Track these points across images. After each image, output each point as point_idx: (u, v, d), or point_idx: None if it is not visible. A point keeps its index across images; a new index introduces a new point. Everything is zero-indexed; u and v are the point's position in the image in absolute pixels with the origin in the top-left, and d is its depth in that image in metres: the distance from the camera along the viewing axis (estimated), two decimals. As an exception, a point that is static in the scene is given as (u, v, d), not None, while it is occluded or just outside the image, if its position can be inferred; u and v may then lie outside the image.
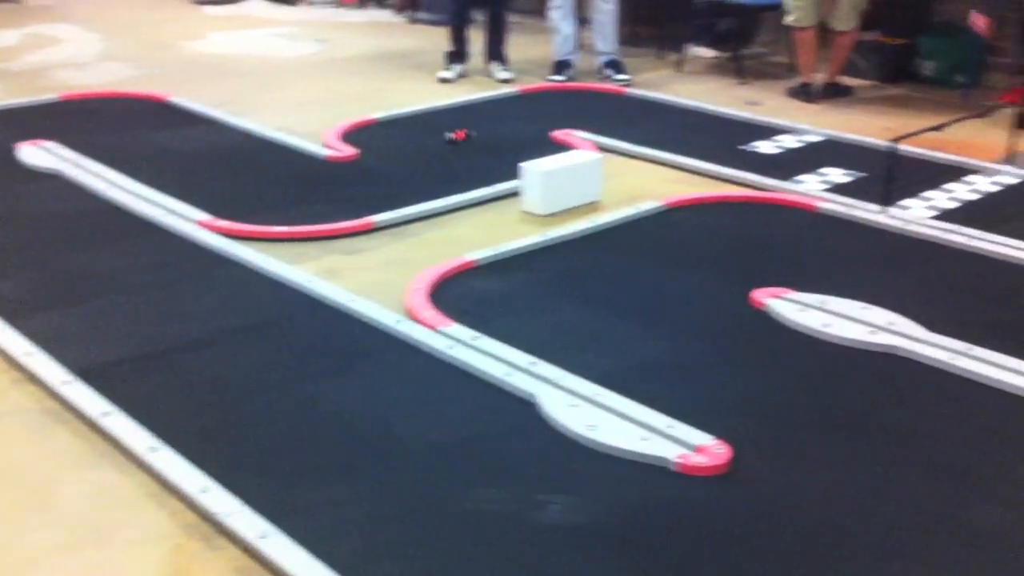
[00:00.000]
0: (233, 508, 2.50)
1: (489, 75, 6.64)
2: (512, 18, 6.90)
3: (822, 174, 4.88)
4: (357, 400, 3.01)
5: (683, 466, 2.66)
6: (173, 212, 4.33)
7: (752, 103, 6.15)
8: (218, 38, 8.04)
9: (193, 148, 5.29)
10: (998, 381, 3.06)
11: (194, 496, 2.55)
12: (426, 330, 3.36)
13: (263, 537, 2.40)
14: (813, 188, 4.69)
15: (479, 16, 6.82)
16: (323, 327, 3.45)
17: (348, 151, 5.16)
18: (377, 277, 3.82)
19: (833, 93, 6.29)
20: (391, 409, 2.97)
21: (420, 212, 4.40)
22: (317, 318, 3.50)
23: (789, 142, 5.38)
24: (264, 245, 4.05)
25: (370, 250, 4.08)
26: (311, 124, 5.60)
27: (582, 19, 6.84)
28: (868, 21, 6.41)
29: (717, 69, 6.98)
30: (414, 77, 6.74)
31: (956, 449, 2.79)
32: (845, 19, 6.17)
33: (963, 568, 2.35)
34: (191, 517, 2.53)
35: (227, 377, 3.14)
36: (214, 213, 4.29)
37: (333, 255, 4.02)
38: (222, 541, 2.45)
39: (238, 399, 3.03)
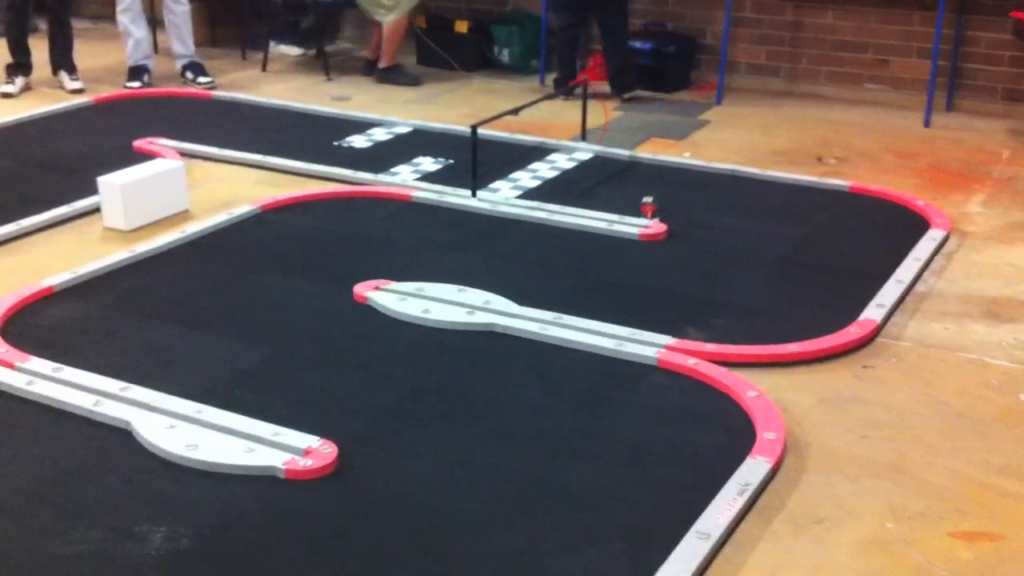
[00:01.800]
0: None
1: (59, 86, 6.17)
2: (79, 24, 6.47)
3: (414, 164, 4.96)
4: (-80, 457, 2.68)
5: (291, 471, 2.59)
6: None
7: (341, 99, 6.15)
8: None
9: None
10: (584, 344, 3.24)
11: None
12: (1, 368, 3.05)
13: None
14: (407, 178, 4.76)
15: (41, 24, 6.32)
16: None
17: None
18: (-62, 317, 3.43)
19: (385, 77, 6.51)
20: (-38, 461, 2.67)
21: (-13, 240, 4.01)
22: None
23: (380, 135, 5.44)
24: None
25: (-72, 288, 3.66)
26: None
27: (157, 21, 6.53)
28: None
29: (303, 67, 6.92)
30: (-29, 94, 6.14)
31: (549, 415, 2.92)
32: (383, 14, 6.43)
33: (563, 527, 2.45)
34: None
35: None
36: None
37: None
38: None
39: None
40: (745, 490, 2.51)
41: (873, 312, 3.44)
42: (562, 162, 5.02)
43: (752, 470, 2.59)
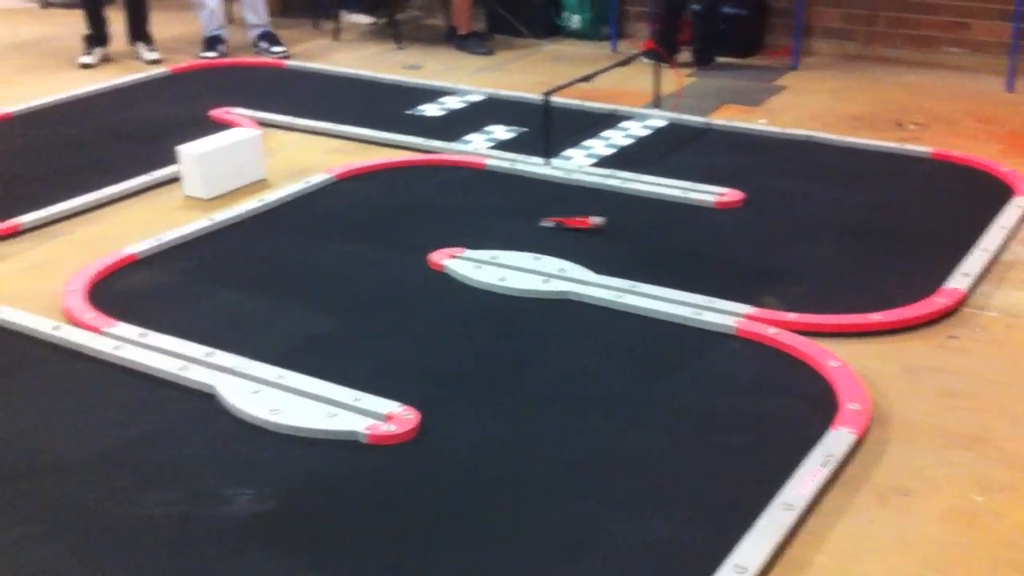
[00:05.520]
0: None
1: (135, 57, 6.26)
2: (154, -6, 6.53)
3: (487, 132, 4.95)
4: (12, 417, 2.76)
5: (373, 437, 2.62)
6: None
7: (412, 67, 6.16)
8: None
9: None
10: (660, 312, 3.22)
11: None
12: (88, 333, 3.13)
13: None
14: (479, 146, 4.76)
15: (118, -6, 6.41)
16: (-32, 345, 3.13)
17: (-18, 150, 4.72)
18: (27, 283, 3.51)
19: (461, 45, 6.50)
20: (51, 422, 2.75)
21: (71, 208, 4.08)
22: (-40, 336, 3.18)
23: (453, 103, 5.44)
24: None
25: (15, 255, 3.75)
26: (-65, 124, 5.07)
27: (229, -8, 6.60)
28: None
29: (375, 35, 6.94)
30: (51, 66, 6.24)
31: (625, 384, 2.91)
32: None
33: (636, 495, 2.44)
34: None
35: None
36: None
37: (-26, 265, 3.67)
38: None
39: None
40: (829, 461, 2.48)
41: (958, 281, 3.37)
42: (635, 129, 4.98)
43: (836, 441, 2.56)
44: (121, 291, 3.44)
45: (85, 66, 6.13)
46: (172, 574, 2.21)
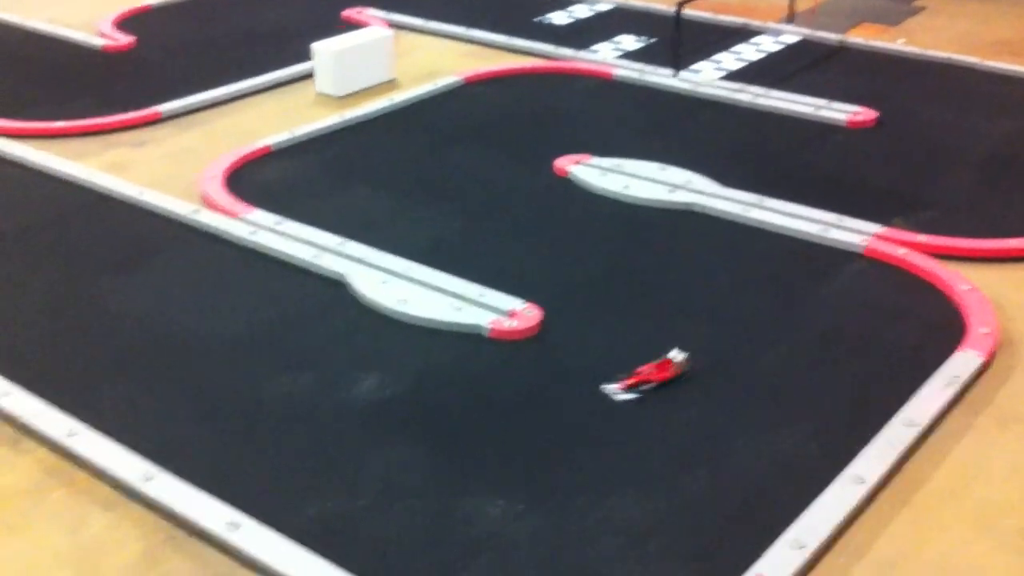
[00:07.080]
0: (37, 409, 2.39)
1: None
2: None
3: (615, 42, 4.91)
4: (154, 294, 2.90)
5: (495, 331, 2.68)
6: (-66, 113, 4.00)
7: (542, -26, 6.10)
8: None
9: (-50, 44, 4.88)
10: (786, 228, 3.19)
11: (-8, 404, 2.42)
12: (226, 218, 3.24)
13: (71, 435, 2.30)
14: (607, 56, 4.72)
15: None
16: (113, 223, 3.28)
17: (125, 40, 4.86)
18: (168, 168, 3.65)
19: None
20: (191, 301, 2.87)
21: (210, 99, 4.20)
22: (106, 214, 3.33)
23: (581, 12, 5.39)
24: (42, 143, 3.80)
25: (158, 141, 3.89)
26: (81, 14, 5.23)
27: None
28: None
29: (505, -59, 6.88)
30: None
31: (746, 297, 2.90)
32: None
33: (752, 408, 2.46)
34: (-9, 424, 2.40)
35: (12, 279, 2.96)
36: (-19, 112, 3.98)
37: (118, 148, 3.81)
38: (29, 443, 2.35)
39: (29, 301, 2.86)
40: (954, 382, 2.46)
41: (1100, 212, 3.26)
42: (767, 44, 4.88)
43: (962, 363, 2.53)
44: (256, 181, 3.55)
45: (222, -38, 6.23)
46: (304, 451, 2.32)
